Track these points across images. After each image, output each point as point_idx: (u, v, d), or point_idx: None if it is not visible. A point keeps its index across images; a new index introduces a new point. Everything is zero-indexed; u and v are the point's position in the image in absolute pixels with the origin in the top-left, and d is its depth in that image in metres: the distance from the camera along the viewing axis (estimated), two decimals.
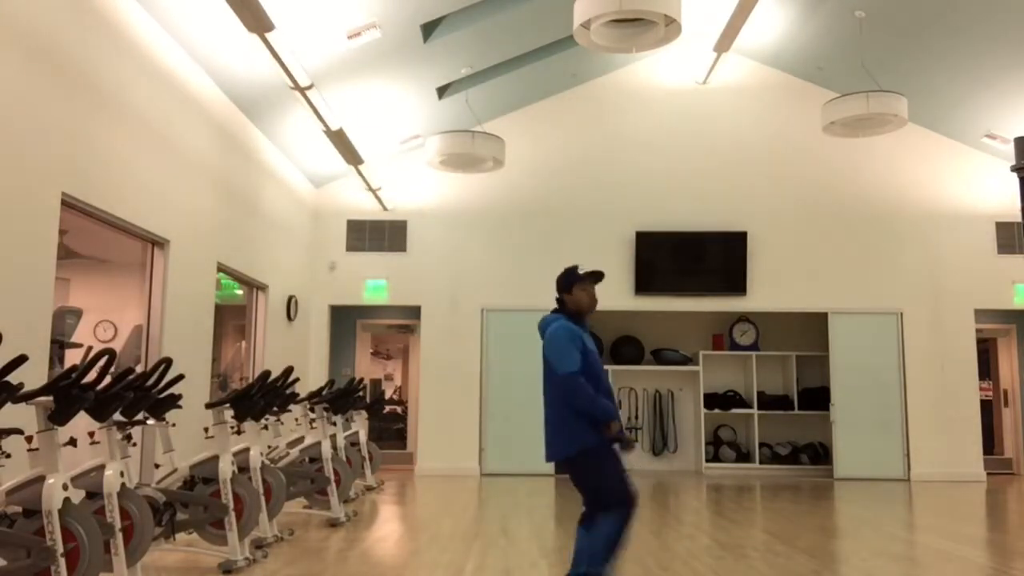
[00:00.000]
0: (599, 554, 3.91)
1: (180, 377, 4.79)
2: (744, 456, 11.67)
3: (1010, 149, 9.40)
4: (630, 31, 6.31)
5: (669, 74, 11.72)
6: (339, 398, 7.80)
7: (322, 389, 7.79)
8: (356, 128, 9.19)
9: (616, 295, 11.32)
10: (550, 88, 11.44)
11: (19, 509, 3.63)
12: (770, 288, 11.34)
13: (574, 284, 4.12)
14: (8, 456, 3.68)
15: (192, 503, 4.91)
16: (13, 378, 3.48)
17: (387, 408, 12.54)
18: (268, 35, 5.94)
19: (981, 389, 11.60)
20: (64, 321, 6.82)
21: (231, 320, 9.74)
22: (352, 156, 9.30)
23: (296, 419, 7.64)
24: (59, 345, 6.36)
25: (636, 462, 11.84)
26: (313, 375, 10.89)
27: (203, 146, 7.73)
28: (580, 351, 3.97)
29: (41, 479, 3.62)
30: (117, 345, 7.36)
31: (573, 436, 3.98)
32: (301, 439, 7.25)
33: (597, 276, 4.16)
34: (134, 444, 4.74)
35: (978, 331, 11.48)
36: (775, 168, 11.54)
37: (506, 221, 11.44)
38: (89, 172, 5.73)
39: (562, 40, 9.65)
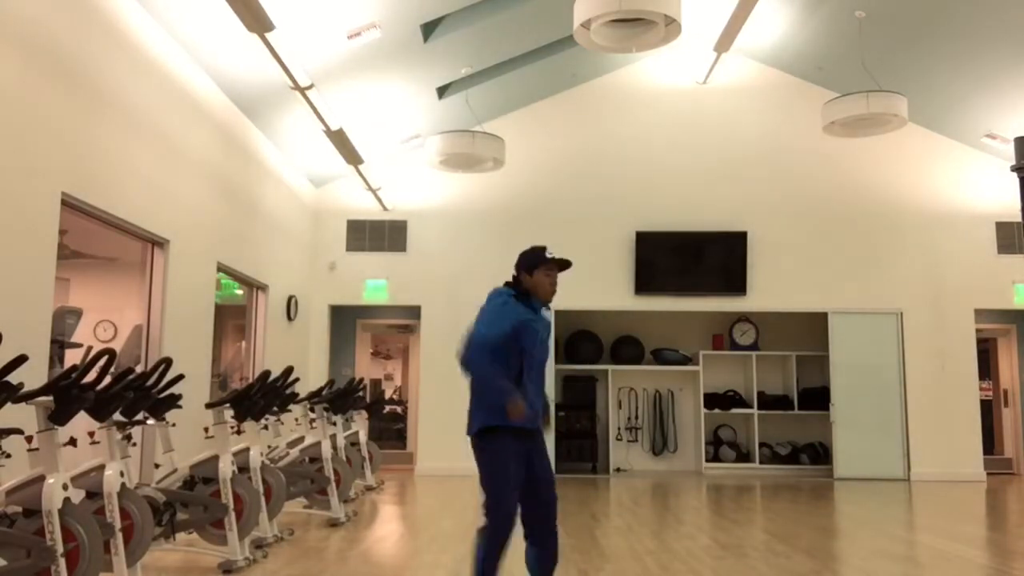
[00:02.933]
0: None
1: (180, 377, 4.80)
2: (744, 456, 11.67)
3: (1010, 149, 9.39)
4: (630, 31, 6.31)
5: (669, 74, 11.72)
6: (339, 398, 7.80)
7: (322, 389, 7.79)
8: (356, 128, 9.19)
9: (616, 295, 11.34)
10: (550, 88, 11.44)
11: (19, 509, 3.63)
12: (770, 288, 11.34)
13: (539, 266, 3.86)
14: (8, 456, 3.68)
15: (192, 503, 4.91)
16: (13, 378, 3.48)
17: (387, 408, 12.55)
18: (268, 35, 5.94)
19: (981, 389, 11.59)
20: (64, 321, 6.82)
21: (231, 320, 9.73)
22: (352, 156, 9.30)
23: (296, 419, 7.63)
24: (59, 345, 6.36)
25: (636, 462, 11.86)
26: (313, 375, 10.89)
27: (203, 146, 7.73)
28: (514, 327, 3.71)
29: (41, 479, 3.62)
30: (117, 345, 7.36)
31: (474, 414, 3.71)
32: (301, 439, 7.25)
33: (564, 264, 3.87)
34: (134, 444, 4.74)
35: (978, 331, 11.47)
36: (775, 168, 11.54)
37: (506, 221, 11.44)
38: (89, 172, 5.73)
39: (562, 40, 9.65)
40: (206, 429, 5.28)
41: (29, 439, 3.74)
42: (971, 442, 11.02)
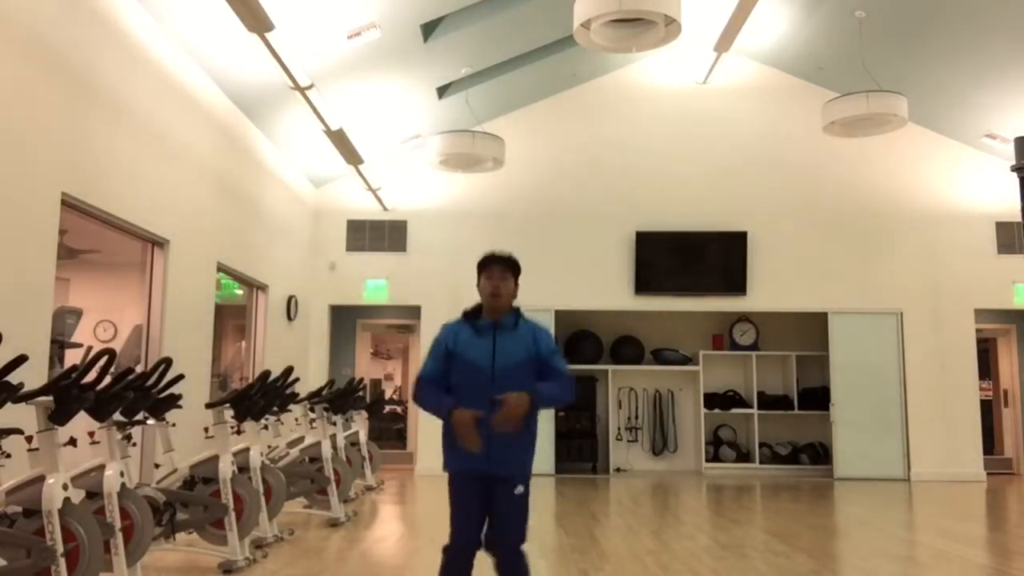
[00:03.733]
0: None
1: (180, 377, 4.79)
2: (744, 456, 11.66)
3: (1010, 149, 9.37)
4: (630, 31, 6.31)
5: (669, 74, 11.72)
6: (339, 398, 7.80)
7: (322, 389, 7.80)
8: (356, 128, 9.18)
9: (616, 295, 11.34)
10: (550, 88, 11.44)
11: (19, 509, 3.63)
12: (770, 288, 11.34)
13: (479, 274, 3.47)
14: (8, 456, 3.68)
15: (192, 503, 4.91)
16: (13, 378, 3.48)
17: (387, 408, 12.54)
18: (268, 35, 5.94)
19: (981, 389, 11.59)
20: (64, 321, 6.82)
21: (231, 320, 9.74)
22: (352, 156, 9.30)
23: (296, 419, 7.64)
24: (59, 345, 6.36)
25: (636, 462, 11.86)
26: (313, 375, 10.89)
27: (203, 146, 7.73)
28: (440, 355, 3.61)
29: (41, 479, 3.62)
30: (117, 345, 7.36)
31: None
32: (301, 439, 7.25)
33: (499, 259, 3.42)
34: (134, 444, 4.74)
35: (978, 331, 11.47)
36: (775, 168, 11.54)
37: (506, 221, 11.44)
38: (89, 172, 5.73)
39: (562, 40, 9.64)
40: (206, 429, 5.27)
41: (29, 439, 3.74)
42: (971, 442, 11.02)
